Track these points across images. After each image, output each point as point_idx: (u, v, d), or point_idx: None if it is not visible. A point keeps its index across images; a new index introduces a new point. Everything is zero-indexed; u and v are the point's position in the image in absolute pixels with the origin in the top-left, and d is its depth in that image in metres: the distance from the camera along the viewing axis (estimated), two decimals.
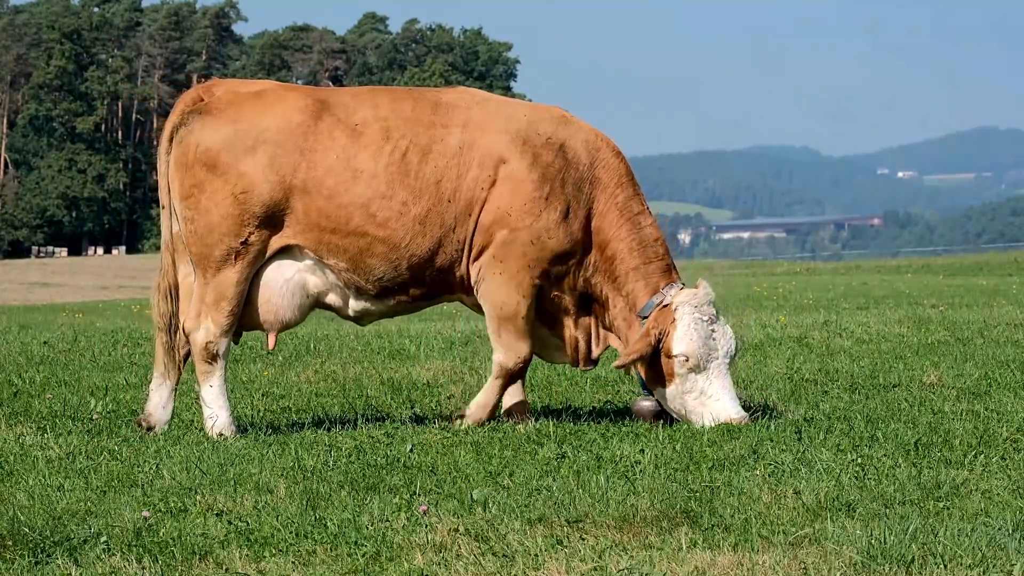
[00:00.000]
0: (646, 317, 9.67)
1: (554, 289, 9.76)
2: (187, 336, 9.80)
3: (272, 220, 9.59)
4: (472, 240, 9.64)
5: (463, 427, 9.62)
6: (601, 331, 9.95)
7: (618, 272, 9.73)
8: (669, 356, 9.50)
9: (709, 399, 9.49)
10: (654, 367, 9.61)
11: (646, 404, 9.88)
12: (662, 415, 9.76)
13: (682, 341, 9.46)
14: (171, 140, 9.73)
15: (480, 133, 9.66)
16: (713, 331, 9.49)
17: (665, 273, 9.76)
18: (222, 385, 9.79)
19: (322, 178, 9.55)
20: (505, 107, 9.88)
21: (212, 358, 9.72)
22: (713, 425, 9.37)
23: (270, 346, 9.94)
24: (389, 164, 9.57)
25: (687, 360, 9.44)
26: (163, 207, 9.87)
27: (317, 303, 9.85)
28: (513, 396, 10.10)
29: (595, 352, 10.01)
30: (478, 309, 9.92)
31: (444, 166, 9.59)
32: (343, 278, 9.70)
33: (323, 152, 9.57)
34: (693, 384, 9.50)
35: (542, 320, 9.90)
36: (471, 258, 9.69)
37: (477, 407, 9.89)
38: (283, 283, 9.71)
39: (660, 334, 9.51)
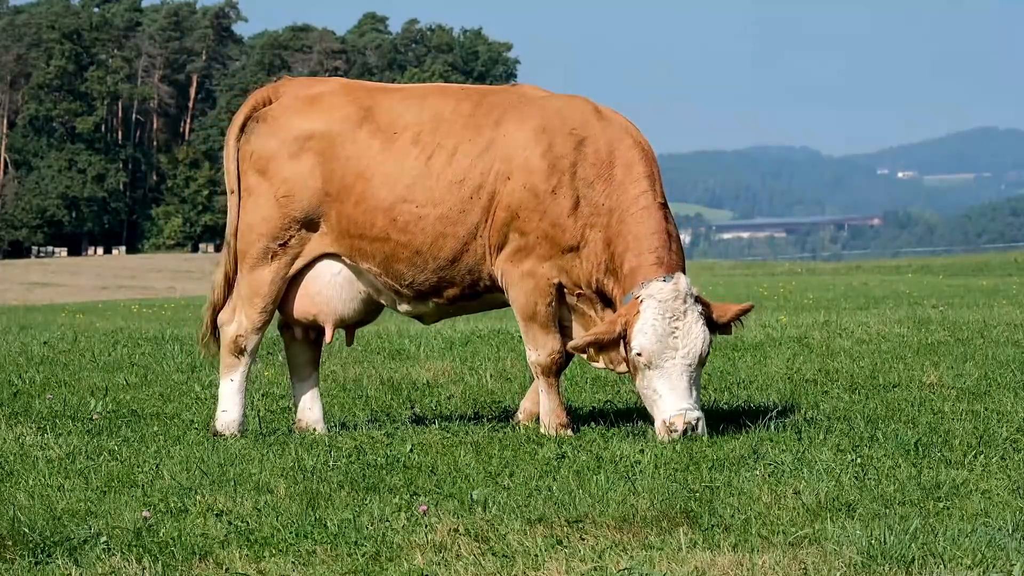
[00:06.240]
0: None
1: (576, 288, 9.65)
2: (220, 327, 10.01)
3: (310, 225, 9.84)
4: (491, 237, 9.60)
5: (555, 441, 9.18)
6: None
7: (620, 271, 9.48)
8: (630, 349, 9.22)
9: (660, 398, 9.15)
10: (628, 359, 9.33)
11: None
12: None
13: (638, 335, 9.16)
14: (241, 128, 10.03)
15: (506, 129, 9.62)
16: (675, 329, 9.15)
17: (653, 266, 9.36)
18: (243, 383, 9.96)
19: (352, 184, 9.74)
20: (541, 102, 9.79)
21: (239, 352, 9.91)
22: (660, 427, 9.08)
23: (327, 339, 10.09)
24: (413, 168, 9.64)
25: (640, 355, 9.16)
26: (231, 192, 10.08)
27: (373, 300, 10.01)
28: (532, 401, 10.02)
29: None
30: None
31: (468, 166, 9.59)
32: (380, 281, 9.82)
33: (357, 159, 9.75)
34: (650, 381, 9.20)
35: (580, 323, 9.76)
36: (493, 257, 9.64)
37: (546, 416, 9.66)
38: (331, 277, 9.95)
39: (625, 325, 9.23)
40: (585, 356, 9.50)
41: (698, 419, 9.12)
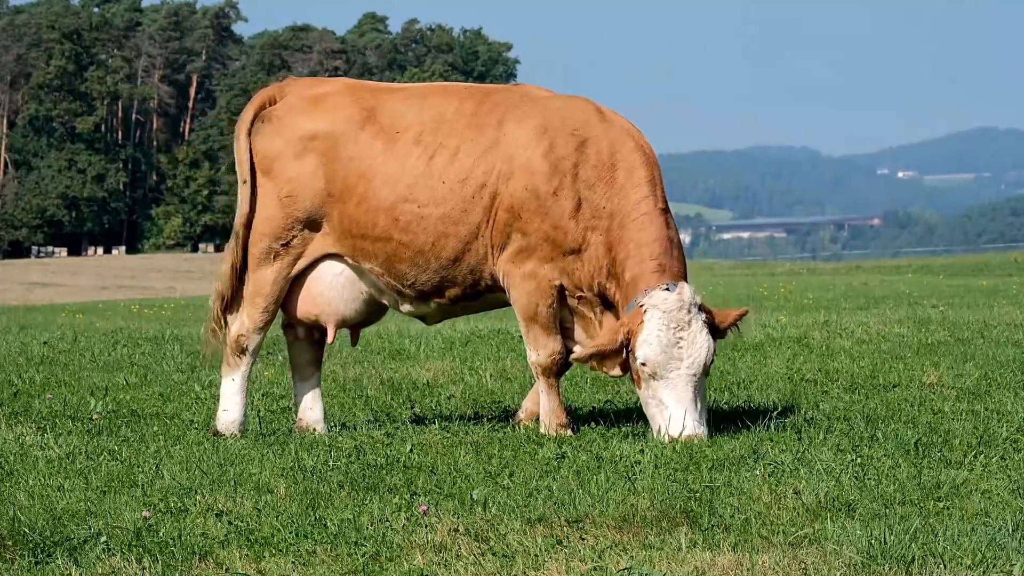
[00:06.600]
0: None
1: (578, 291, 9.64)
2: (225, 328, 10.06)
3: (313, 225, 9.87)
4: (492, 238, 9.60)
5: (555, 441, 9.15)
6: None
7: (621, 277, 9.41)
8: (634, 359, 9.16)
9: (665, 409, 9.09)
10: (630, 369, 9.28)
11: None
12: None
13: (643, 346, 9.08)
14: (251, 122, 10.04)
15: (508, 128, 9.59)
16: (680, 339, 9.08)
17: (655, 273, 9.29)
18: (244, 383, 9.99)
19: (355, 184, 9.75)
20: (544, 101, 9.77)
21: (241, 352, 9.96)
22: (664, 438, 9.01)
23: (329, 339, 10.11)
24: (415, 167, 9.65)
25: (645, 366, 9.10)
26: (243, 182, 10.07)
27: (375, 301, 10.02)
28: (534, 402, 10.00)
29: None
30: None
31: (470, 165, 9.58)
32: (383, 281, 9.83)
33: (359, 159, 9.76)
34: (655, 392, 9.13)
35: (581, 325, 9.74)
36: (495, 257, 9.62)
37: (546, 416, 9.63)
38: (333, 277, 9.98)
39: (628, 334, 9.17)
40: (588, 366, 9.51)
41: (704, 434, 9.07)
